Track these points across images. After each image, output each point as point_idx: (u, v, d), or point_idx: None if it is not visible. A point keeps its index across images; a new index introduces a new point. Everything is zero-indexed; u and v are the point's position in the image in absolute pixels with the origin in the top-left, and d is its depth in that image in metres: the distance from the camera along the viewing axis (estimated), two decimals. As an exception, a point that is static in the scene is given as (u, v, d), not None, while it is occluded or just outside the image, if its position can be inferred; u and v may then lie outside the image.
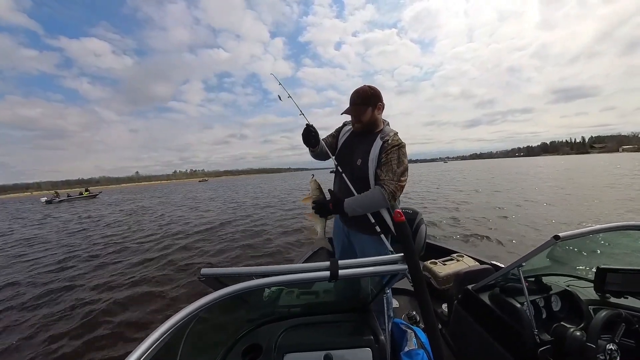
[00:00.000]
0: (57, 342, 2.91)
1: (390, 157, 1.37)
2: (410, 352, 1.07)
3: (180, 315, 0.60)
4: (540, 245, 1.10)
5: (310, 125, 1.53)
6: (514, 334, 1.19)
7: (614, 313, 1.04)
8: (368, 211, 1.39)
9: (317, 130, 1.54)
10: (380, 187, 1.34)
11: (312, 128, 1.53)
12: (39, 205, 30.44)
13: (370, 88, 1.46)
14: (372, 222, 1.41)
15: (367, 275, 0.70)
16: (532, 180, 18.29)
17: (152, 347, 0.53)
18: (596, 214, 7.32)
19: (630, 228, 1.07)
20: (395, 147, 1.39)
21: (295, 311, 1.36)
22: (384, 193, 1.32)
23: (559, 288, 1.35)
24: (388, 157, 1.37)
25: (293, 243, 6.41)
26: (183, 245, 6.73)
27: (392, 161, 1.36)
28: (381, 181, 1.36)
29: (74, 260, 6.07)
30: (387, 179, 1.34)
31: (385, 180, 1.35)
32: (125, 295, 3.96)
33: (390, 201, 1.35)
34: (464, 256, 2.55)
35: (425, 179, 25.65)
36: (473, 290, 1.47)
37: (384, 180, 1.35)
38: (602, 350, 0.95)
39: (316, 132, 1.54)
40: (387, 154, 1.38)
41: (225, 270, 0.71)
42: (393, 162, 1.36)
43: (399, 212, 0.66)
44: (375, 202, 1.37)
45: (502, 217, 7.60)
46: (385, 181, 1.34)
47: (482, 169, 45.82)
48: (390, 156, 1.37)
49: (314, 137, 1.53)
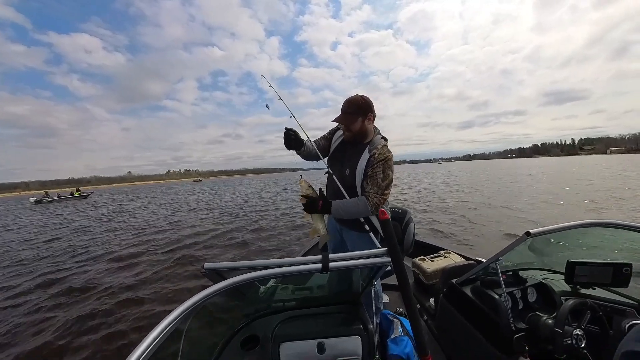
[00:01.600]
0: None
1: (376, 171, 1.45)
2: (395, 338, 1.16)
3: (181, 309, 0.63)
4: (514, 241, 1.20)
5: (289, 129, 1.55)
6: (493, 323, 1.28)
7: (579, 302, 1.13)
8: (351, 217, 1.51)
9: (297, 133, 1.56)
10: (365, 199, 1.44)
11: (292, 132, 1.54)
12: (20, 207, 29.44)
13: (362, 98, 1.48)
14: (362, 221, 1.51)
15: (355, 267, 0.77)
16: (521, 181, 18.79)
17: (153, 343, 0.54)
18: (570, 213, 7.78)
19: (592, 225, 1.17)
20: (382, 161, 1.45)
21: (290, 305, 1.43)
22: (367, 204, 1.43)
23: (534, 281, 1.45)
24: (374, 171, 1.45)
25: (290, 241, 6.55)
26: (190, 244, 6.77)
27: (377, 175, 1.44)
28: (366, 193, 1.45)
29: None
30: (372, 192, 1.44)
31: (370, 193, 1.44)
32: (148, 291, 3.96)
33: (373, 212, 1.45)
34: (451, 253, 2.65)
35: (420, 180, 25.93)
36: (457, 284, 1.56)
37: (369, 192, 1.44)
38: (569, 335, 1.04)
39: (296, 135, 1.56)
40: (374, 168, 1.45)
41: (227, 264, 0.76)
42: (378, 177, 1.44)
43: (383, 210, 0.74)
44: (359, 211, 1.46)
45: (488, 217, 7.86)
46: (370, 194, 1.43)
47: (475, 170, 46.51)
48: (376, 170, 1.45)
49: (294, 140, 1.54)
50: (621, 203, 8.73)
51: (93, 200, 31.54)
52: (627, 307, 1.26)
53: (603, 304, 1.29)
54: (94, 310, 3.55)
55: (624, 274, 1.23)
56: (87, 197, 35.56)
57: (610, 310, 1.26)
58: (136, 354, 0.51)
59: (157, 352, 0.56)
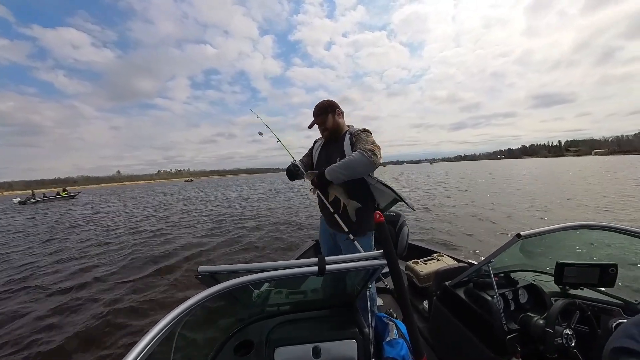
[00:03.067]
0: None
1: (359, 138, 1.52)
2: (391, 341, 1.17)
3: (175, 313, 0.62)
4: (505, 243, 1.22)
5: (292, 165, 1.75)
6: (486, 324, 1.30)
7: (569, 302, 1.16)
8: (352, 173, 1.41)
9: (298, 167, 1.75)
10: (357, 151, 1.40)
11: (292, 167, 1.74)
12: (3, 207, 28.36)
13: (326, 100, 1.68)
14: (354, 222, 1.51)
15: (351, 269, 0.77)
16: (511, 183, 19.15)
17: (149, 345, 0.54)
18: (558, 215, 7.93)
19: (581, 227, 1.20)
20: (360, 130, 1.57)
21: (284, 309, 1.42)
22: (362, 152, 1.37)
23: (525, 282, 1.48)
24: (357, 138, 1.53)
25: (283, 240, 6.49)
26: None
27: (360, 138, 1.51)
28: (357, 149, 1.45)
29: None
30: (361, 146, 1.42)
31: (359, 147, 1.43)
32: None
33: (372, 158, 1.35)
34: (444, 256, 2.68)
35: (412, 180, 26.19)
36: (450, 287, 1.58)
37: (358, 148, 1.44)
38: (559, 334, 1.07)
39: (297, 169, 1.74)
40: (356, 137, 1.54)
41: (221, 267, 0.75)
42: (362, 138, 1.51)
43: (378, 213, 0.74)
44: (356, 161, 1.37)
45: (480, 218, 7.97)
46: (360, 147, 1.42)
47: (466, 171, 47.23)
48: (359, 137, 1.52)
49: (297, 173, 1.73)
50: (609, 204, 9.00)
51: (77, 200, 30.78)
52: (613, 306, 1.30)
53: (591, 304, 1.32)
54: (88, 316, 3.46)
55: (610, 274, 1.27)
56: (74, 197, 34.66)
57: (598, 310, 1.29)
58: (129, 359, 0.51)
59: (150, 358, 0.56)
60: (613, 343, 0.56)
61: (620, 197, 9.97)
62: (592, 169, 27.99)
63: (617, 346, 0.55)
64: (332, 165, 1.44)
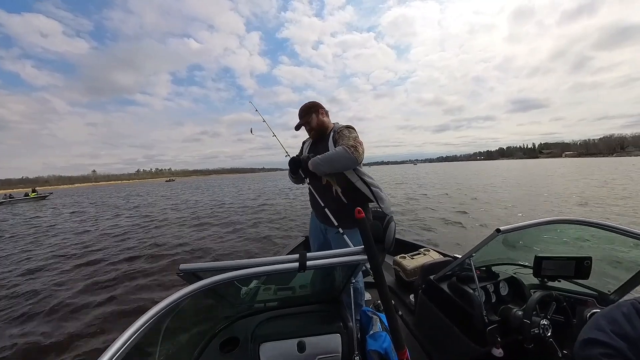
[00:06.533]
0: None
1: (341, 135, 1.55)
2: (374, 334, 1.18)
3: (154, 311, 0.60)
4: (485, 238, 1.25)
5: (291, 158, 1.74)
6: (468, 316, 1.33)
7: (546, 294, 1.21)
8: (332, 166, 1.48)
9: (297, 156, 1.77)
10: (340, 147, 1.46)
11: (296, 158, 1.73)
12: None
13: (309, 102, 1.74)
14: (343, 212, 1.53)
15: (332, 265, 0.76)
16: (494, 182, 19.97)
17: (125, 344, 0.52)
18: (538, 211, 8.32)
19: (557, 222, 1.26)
20: (343, 127, 1.62)
21: (271, 305, 1.40)
22: (345, 148, 1.43)
23: (506, 275, 1.53)
24: (340, 135, 1.56)
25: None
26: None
27: (343, 135, 1.54)
28: (339, 145, 1.49)
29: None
30: (344, 143, 1.47)
31: (342, 143, 1.48)
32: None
33: (354, 154, 1.41)
34: (430, 250, 2.75)
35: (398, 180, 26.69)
36: (434, 280, 1.61)
37: (341, 144, 1.48)
38: (536, 325, 1.11)
39: (297, 156, 1.75)
40: (339, 134, 1.59)
41: (203, 264, 0.73)
42: (344, 134, 1.54)
43: (359, 209, 0.73)
44: (338, 155, 1.44)
45: (465, 214, 8.29)
46: (343, 143, 1.47)
47: (448, 172, 48.77)
48: (341, 134, 1.57)
49: (299, 159, 1.70)
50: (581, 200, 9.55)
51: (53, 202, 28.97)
52: (588, 297, 1.36)
53: (567, 295, 1.39)
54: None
55: (585, 266, 1.33)
56: (46, 198, 32.67)
57: (574, 301, 1.35)
58: (107, 356, 0.48)
59: (131, 354, 0.54)
60: (583, 335, 0.59)
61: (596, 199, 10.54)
62: (560, 172, 29.59)
63: (586, 337, 0.57)
64: (316, 157, 1.53)
